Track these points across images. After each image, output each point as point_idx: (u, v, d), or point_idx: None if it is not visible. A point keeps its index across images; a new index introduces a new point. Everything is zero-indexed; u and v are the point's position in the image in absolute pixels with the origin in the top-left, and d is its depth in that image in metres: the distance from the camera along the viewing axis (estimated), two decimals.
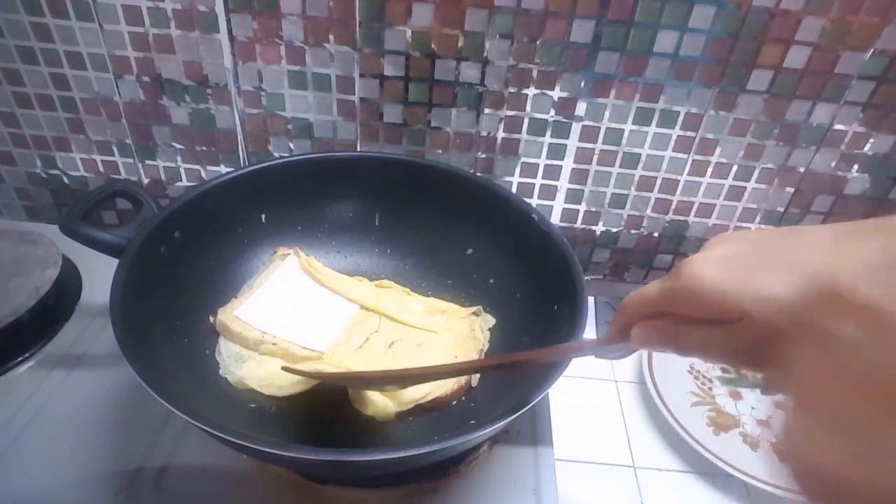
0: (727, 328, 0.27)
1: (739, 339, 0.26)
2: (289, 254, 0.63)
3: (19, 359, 0.59)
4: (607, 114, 0.66)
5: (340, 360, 0.55)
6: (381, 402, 0.52)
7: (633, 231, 0.74)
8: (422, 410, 0.53)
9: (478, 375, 0.55)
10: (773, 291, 0.25)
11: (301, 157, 0.68)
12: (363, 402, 0.52)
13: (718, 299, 0.27)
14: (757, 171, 0.68)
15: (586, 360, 0.48)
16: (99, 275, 0.50)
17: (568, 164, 0.70)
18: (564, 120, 0.66)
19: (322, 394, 0.55)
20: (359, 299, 0.61)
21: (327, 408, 0.54)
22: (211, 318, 0.57)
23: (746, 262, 0.27)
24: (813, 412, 0.22)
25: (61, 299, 0.64)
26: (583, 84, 0.64)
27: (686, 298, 0.28)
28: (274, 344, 0.56)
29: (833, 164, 0.67)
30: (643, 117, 0.65)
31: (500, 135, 0.68)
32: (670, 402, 0.61)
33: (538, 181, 0.71)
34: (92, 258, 0.50)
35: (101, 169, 0.75)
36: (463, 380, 0.54)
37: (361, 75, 0.65)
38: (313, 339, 0.57)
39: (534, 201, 0.73)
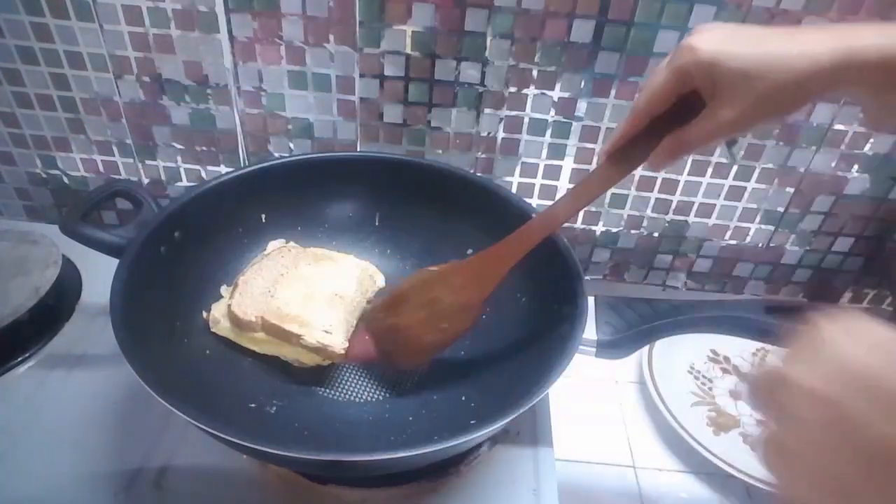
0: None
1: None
2: (277, 247, 0.62)
3: (19, 359, 0.59)
4: (607, 114, 0.66)
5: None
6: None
7: (633, 231, 0.74)
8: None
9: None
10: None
11: (301, 157, 0.68)
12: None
13: (712, 62, 0.37)
14: (757, 171, 0.68)
15: (586, 359, 0.48)
16: (99, 275, 0.50)
17: (568, 164, 0.70)
18: (564, 120, 0.66)
19: (322, 391, 0.55)
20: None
21: (327, 407, 0.54)
22: (204, 314, 0.57)
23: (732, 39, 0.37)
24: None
25: (61, 299, 0.64)
26: (583, 84, 0.64)
27: (689, 68, 0.37)
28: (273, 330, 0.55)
29: (833, 164, 0.67)
30: None
31: (500, 135, 0.68)
32: (670, 402, 0.61)
33: (538, 181, 0.71)
34: (92, 258, 0.51)
35: (101, 169, 0.75)
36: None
37: (361, 75, 0.65)
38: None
39: (534, 201, 0.72)
